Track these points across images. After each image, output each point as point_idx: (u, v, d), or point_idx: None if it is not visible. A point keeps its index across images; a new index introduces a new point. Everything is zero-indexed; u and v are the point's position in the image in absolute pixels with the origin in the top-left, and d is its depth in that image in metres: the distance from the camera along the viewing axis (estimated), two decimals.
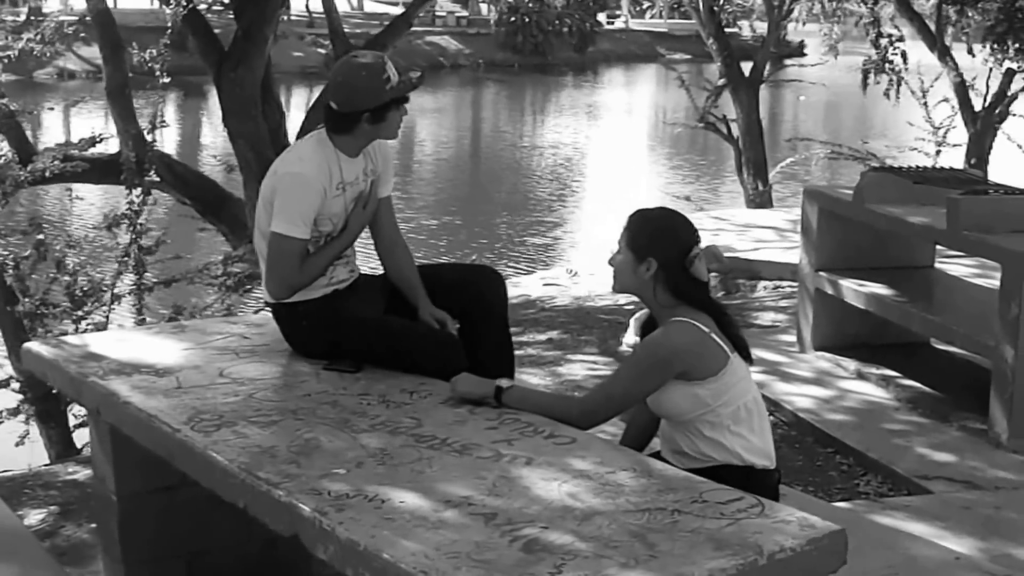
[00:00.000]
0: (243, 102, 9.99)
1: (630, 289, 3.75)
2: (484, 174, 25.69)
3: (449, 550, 2.79)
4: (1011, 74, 14.31)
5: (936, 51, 14.74)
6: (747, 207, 15.83)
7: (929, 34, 14.78)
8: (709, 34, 15.89)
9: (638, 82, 45.23)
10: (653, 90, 42.85)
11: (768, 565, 2.80)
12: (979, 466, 5.61)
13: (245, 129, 10.07)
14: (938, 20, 14.79)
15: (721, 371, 3.59)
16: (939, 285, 6.94)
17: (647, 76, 46.20)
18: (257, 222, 4.22)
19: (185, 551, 4.27)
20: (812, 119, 31.25)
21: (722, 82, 16.05)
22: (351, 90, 4.10)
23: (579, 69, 43.79)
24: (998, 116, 14.58)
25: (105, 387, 3.85)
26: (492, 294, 4.28)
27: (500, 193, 22.07)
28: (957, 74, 14.57)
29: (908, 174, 6.61)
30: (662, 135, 30.75)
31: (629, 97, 40.13)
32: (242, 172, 10.29)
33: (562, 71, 41.91)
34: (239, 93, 9.94)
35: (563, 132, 30.76)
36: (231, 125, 10.09)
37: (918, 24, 14.83)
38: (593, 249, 15.83)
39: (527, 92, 41.12)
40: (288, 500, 3.08)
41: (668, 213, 3.86)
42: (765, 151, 16.04)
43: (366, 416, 3.64)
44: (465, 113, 36.55)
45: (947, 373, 6.77)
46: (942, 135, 14.79)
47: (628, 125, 33.53)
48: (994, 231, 5.80)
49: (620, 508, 3.02)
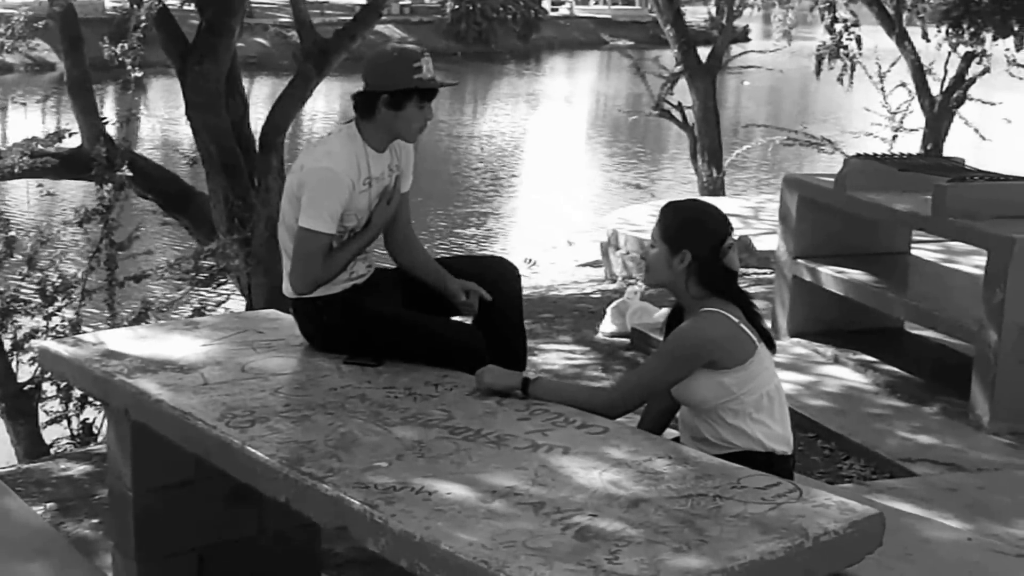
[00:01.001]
0: (207, 95, 9.95)
1: (663, 282, 3.83)
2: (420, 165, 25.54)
3: (504, 540, 2.85)
4: (969, 58, 14.48)
5: (894, 36, 14.88)
6: (700, 194, 15.94)
7: (887, 18, 14.92)
8: (666, 20, 15.97)
9: (582, 69, 45.31)
10: (596, 77, 42.98)
11: (814, 548, 2.89)
12: (961, 448, 5.74)
13: (209, 122, 10.04)
14: (897, 4, 14.93)
15: (748, 360, 3.68)
16: (916, 271, 7.08)
17: (591, 63, 46.32)
18: (282, 216, 4.24)
19: (198, 546, 4.30)
20: (755, 104, 31.46)
21: (679, 69, 16.13)
22: (377, 67, 4.16)
23: (523, 57, 43.81)
24: (955, 100, 14.76)
25: (134, 386, 3.86)
26: (507, 286, 4.33)
27: (437, 184, 21.99)
28: (915, 59, 14.73)
29: (893, 161, 6.73)
30: (604, 123, 30.86)
31: (572, 84, 40.20)
32: (205, 166, 10.25)
33: (506, 59, 41.89)
34: (204, 86, 9.90)
35: (504, 121, 30.80)
36: (195, 118, 10.04)
37: (876, 9, 14.97)
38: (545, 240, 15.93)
39: (469, 80, 41.06)
40: (336, 494, 3.12)
41: (700, 205, 3.94)
42: (720, 138, 16.17)
43: (396, 409, 3.69)
44: None
45: (922, 357, 6.91)
46: (899, 120, 14.96)
47: (570, 113, 33.60)
48: (978, 217, 5.93)
49: (663, 495, 3.10)
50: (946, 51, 14.48)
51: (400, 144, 4.31)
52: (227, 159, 10.09)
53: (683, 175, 20.45)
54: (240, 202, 10.11)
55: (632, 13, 52.00)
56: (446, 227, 18.35)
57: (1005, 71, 14.85)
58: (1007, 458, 5.60)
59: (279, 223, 4.29)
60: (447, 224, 18.57)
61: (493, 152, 25.26)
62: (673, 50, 16.48)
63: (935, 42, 14.77)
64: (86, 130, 10.31)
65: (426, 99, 4.15)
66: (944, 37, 14.39)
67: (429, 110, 4.19)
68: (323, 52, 10.60)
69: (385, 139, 4.22)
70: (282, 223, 4.26)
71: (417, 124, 4.18)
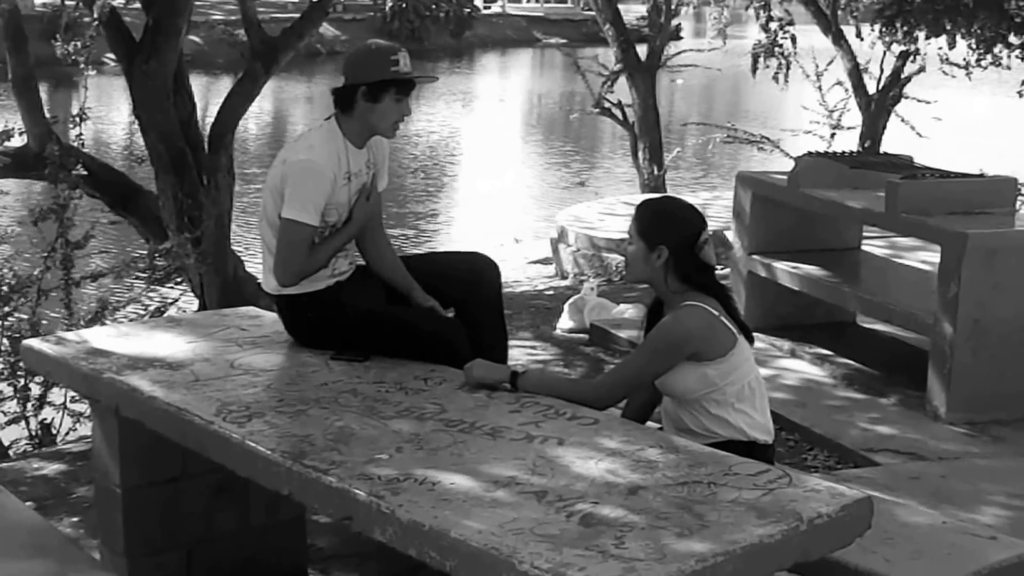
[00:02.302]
0: (155, 94, 9.94)
1: (642, 278, 3.93)
2: None
3: (512, 527, 2.94)
4: (904, 57, 14.70)
5: (830, 35, 15.08)
6: (642, 192, 16.09)
7: (823, 18, 15.11)
8: (606, 19, 16.05)
9: (515, 67, 45.40)
10: (529, 75, 43.08)
11: (809, 530, 3.00)
12: (920, 438, 5.89)
13: (156, 121, 10.03)
14: (833, 3, 15.13)
15: (729, 352, 3.80)
16: (868, 265, 7.24)
17: (523, 61, 46.42)
18: (263, 211, 4.30)
19: (186, 541, 4.36)
20: (687, 104, 31.69)
21: (619, 67, 16.25)
22: (356, 60, 4.28)
23: (455, 55, 43.80)
24: (892, 99, 14.98)
25: (125, 383, 3.91)
26: (487, 281, 4.42)
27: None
28: (851, 58, 14.94)
29: (845, 159, 6.88)
30: (540, 121, 30.95)
31: (506, 83, 40.27)
32: (153, 164, 10.24)
33: (438, 56, 41.90)
34: (151, 85, 9.90)
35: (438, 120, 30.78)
36: (142, 117, 10.03)
37: (813, 8, 15.16)
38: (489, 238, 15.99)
39: None
40: (340, 486, 3.19)
41: (675, 201, 4.05)
42: (661, 136, 16.31)
43: (389, 403, 3.76)
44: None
45: (876, 350, 7.07)
46: (837, 118, 15.17)
47: (505, 111, 33.66)
48: (930, 213, 6.09)
49: (660, 482, 3.20)
50: (882, 50, 14.67)
51: (376, 142, 4.39)
52: (176, 157, 10.09)
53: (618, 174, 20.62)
54: (189, 200, 10.11)
55: (564, 11, 52.17)
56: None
57: (939, 69, 15.08)
58: (965, 447, 5.76)
59: (260, 219, 4.35)
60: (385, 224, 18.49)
61: (428, 151, 25.23)
62: (612, 48, 16.59)
63: (868, 41, 14.97)
64: (32, 129, 10.27)
65: (403, 92, 4.24)
66: (878, 36, 14.59)
67: (406, 105, 4.28)
68: (271, 50, 10.63)
69: (363, 134, 4.30)
70: (263, 219, 4.32)
71: (394, 118, 4.27)
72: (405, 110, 4.27)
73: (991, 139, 21.58)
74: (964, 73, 14.56)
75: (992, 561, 3.59)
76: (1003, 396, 5.98)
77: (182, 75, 10.36)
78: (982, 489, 5.22)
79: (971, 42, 14.10)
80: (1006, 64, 14.09)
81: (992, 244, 5.86)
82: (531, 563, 2.77)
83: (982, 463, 5.55)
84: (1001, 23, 13.83)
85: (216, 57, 34.42)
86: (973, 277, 5.79)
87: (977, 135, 22.10)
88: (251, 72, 10.55)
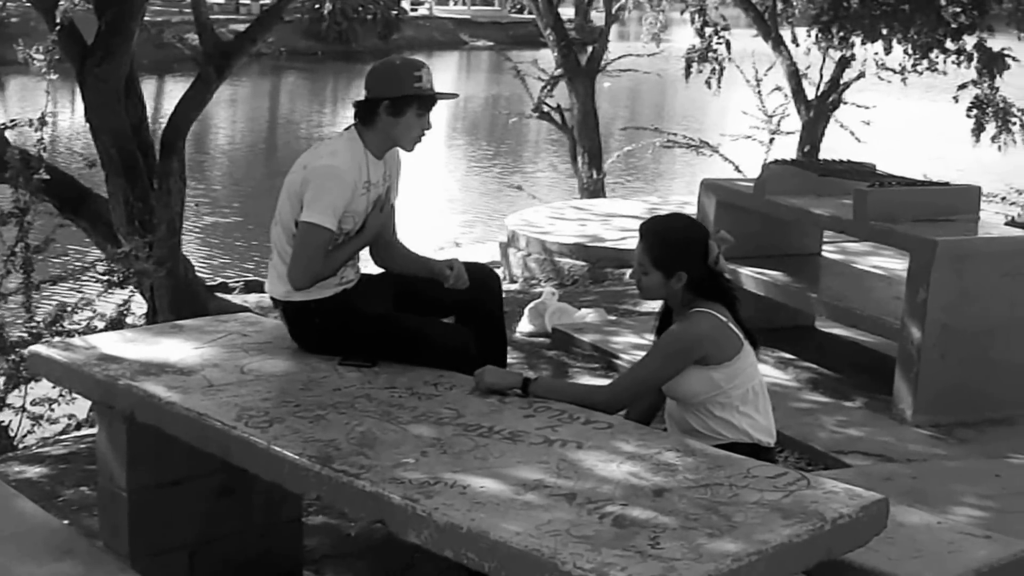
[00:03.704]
0: (107, 97, 9.93)
1: (659, 298, 4.07)
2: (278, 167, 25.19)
3: (548, 529, 3.03)
4: (844, 62, 14.93)
5: (770, 40, 15.28)
6: (581, 196, 16.23)
7: (763, 23, 15.32)
8: (547, 24, 16.18)
9: (442, 69, 45.34)
10: (456, 77, 43.14)
11: (833, 530, 3.13)
12: (889, 440, 6.03)
13: (108, 124, 10.02)
14: (773, 9, 15.33)
15: (736, 356, 3.93)
16: (831, 271, 7.39)
17: (450, 63, 46.48)
18: (279, 215, 4.36)
19: (189, 543, 4.41)
20: (619, 107, 31.89)
21: (559, 71, 16.38)
22: (381, 75, 4.37)
23: (383, 56, 43.68)
24: (831, 104, 15.23)
25: (141, 389, 3.96)
26: (489, 290, 4.51)
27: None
28: (791, 63, 15.15)
29: (813, 167, 7.03)
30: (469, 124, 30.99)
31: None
32: (104, 168, 10.22)
33: (366, 59, 41.78)
34: (103, 88, 9.88)
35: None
36: (94, 120, 10.00)
37: (753, 13, 15.35)
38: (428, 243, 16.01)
39: (329, 81, 40.92)
40: (374, 490, 3.26)
41: (678, 222, 4.17)
42: (600, 140, 16.46)
43: (404, 408, 3.84)
44: (262, 104, 36.08)
45: (838, 354, 7.22)
46: (776, 123, 15.39)
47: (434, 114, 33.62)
48: (898, 220, 6.24)
49: (683, 485, 3.30)
50: (821, 55, 14.89)
51: (392, 155, 4.47)
52: (127, 161, 10.08)
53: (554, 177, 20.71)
54: (140, 204, 10.10)
55: (491, 14, 52.37)
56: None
57: (875, 75, 15.33)
58: (933, 449, 5.91)
59: (273, 222, 4.40)
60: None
61: None
62: (552, 52, 16.71)
63: (804, 46, 15.19)
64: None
65: (425, 108, 4.32)
66: (814, 42, 14.81)
67: (427, 120, 4.36)
68: (224, 55, 10.64)
69: (384, 146, 4.38)
70: (277, 223, 4.38)
71: (415, 132, 4.35)
72: (426, 125, 4.37)
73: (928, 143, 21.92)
74: (900, 79, 14.81)
75: (993, 560, 3.72)
76: (967, 399, 6.14)
77: (133, 79, 10.34)
78: (954, 490, 5.35)
79: (907, 47, 14.35)
80: (942, 70, 14.35)
81: (960, 251, 6.02)
82: (573, 563, 2.86)
83: (951, 465, 5.70)
84: (938, 28, 14.09)
85: (141, 58, 34.02)
86: (941, 283, 5.95)
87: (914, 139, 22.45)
88: (204, 76, 10.55)
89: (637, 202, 13.40)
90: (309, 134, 28.89)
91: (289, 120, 32.56)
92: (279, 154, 27.56)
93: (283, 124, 32.04)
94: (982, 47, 14.09)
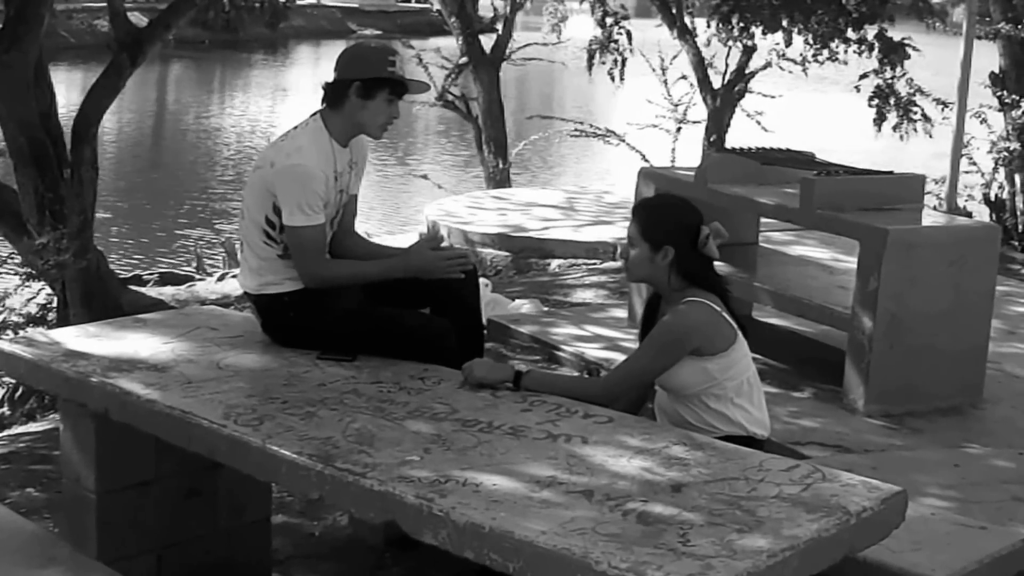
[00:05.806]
0: (15, 84, 9.69)
1: (646, 278, 3.99)
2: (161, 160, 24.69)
3: (573, 527, 2.93)
4: (749, 52, 14.99)
5: (675, 29, 15.29)
6: (487, 186, 16.15)
7: (668, 12, 15.32)
8: (451, 12, 16.08)
9: (330, 58, 44.89)
10: None
11: (857, 523, 3.08)
12: (844, 431, 6.01)
13: (17, 113, 9.77)
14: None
15: (730, 347, 3.87)
16: (770, 260, 7.35)
17: (337, 52, 45.99)
18: (246, 211, 4.25)
19: (157, 545, 4.25)
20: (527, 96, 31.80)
21: (464, 60, 16.27)
22: (353, 57, 4.28)
23: (270, 45, 43.15)
24: (737, 93, 15.29)
25: (116, 386, 3.79)
26: (463, 282, 4.40)
27: (185, 180, 21.16)
28: (696, 52, 15.17)
29: (755, 155, 6.98)
30: None
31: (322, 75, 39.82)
32: (12, 157, 9.98)
33: (253, 48, 41.31)
34: (11, 75, 9.63)
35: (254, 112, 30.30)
36: (1, 108, 9.76)
37: (658, 2, 15.35)
38: None
39: (216, 70, 40.29)
40: (383, 489, 3.15)
41: (672, 200, 4.10)
42: (506, 129, 16.39)
43: (396, 403, 3.72)
44: (148, 93, 35.42)
45: (780, 344, 7.19)
46: (682, 112, 15.41)
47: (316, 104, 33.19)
48: (844, 209, 6.23)
49: (699, 479, 3.23)
50: (728, 46, 14.92)
51: (357, 143, 4.35)
52: (37, 150, 9.84)
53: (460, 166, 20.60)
54: (51, 194, 9.87)
55: (379, 2, 51.87)
56: (205, 221, 17.71)
57: (776, 65, 15.41)
58: (887, 439, 5.91)
59: (241, 217, 4.28)
60: (206, 218, 17.95)
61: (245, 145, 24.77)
62: (457, 40, 16.60)
63: (704, 37, 15.22)
64: None
65: (395, 94, 4.21)
66: (715, 32, 14.84)
67: (396, 108, 4.25)
68: (137, 42, 10.40)
69: (349, 133, 4.26)
70: (245, 217, 4.26)
71: (383, 118, 4.25)
72: (395, 112, 4.26)
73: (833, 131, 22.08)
74: (800, 69, 14.88)
75: (992, 550, 3.71)
76: (917, 389, 6.15)
77: (42, 67, 10.08)
78: (915, 480, 5.34)
79: (807, 37, 14.42)
80: (843, 60, 14.45)
81: (910, 239, 6.02)
82: (608, 563, 2.77)
83: (907, 455, 5.70)
84: (839, 18, 14.18)
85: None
86: (892, 272, 5.95)
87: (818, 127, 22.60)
88: (116, 64, 10.32)
89: (557, 191, 13.35)
90: (198, 123, 28.44)
91: (177, 109, 32.01)
92: (166, 144, 27.09)
93: (171, 113, 31.50)
94: (883, 37, 14.20)
